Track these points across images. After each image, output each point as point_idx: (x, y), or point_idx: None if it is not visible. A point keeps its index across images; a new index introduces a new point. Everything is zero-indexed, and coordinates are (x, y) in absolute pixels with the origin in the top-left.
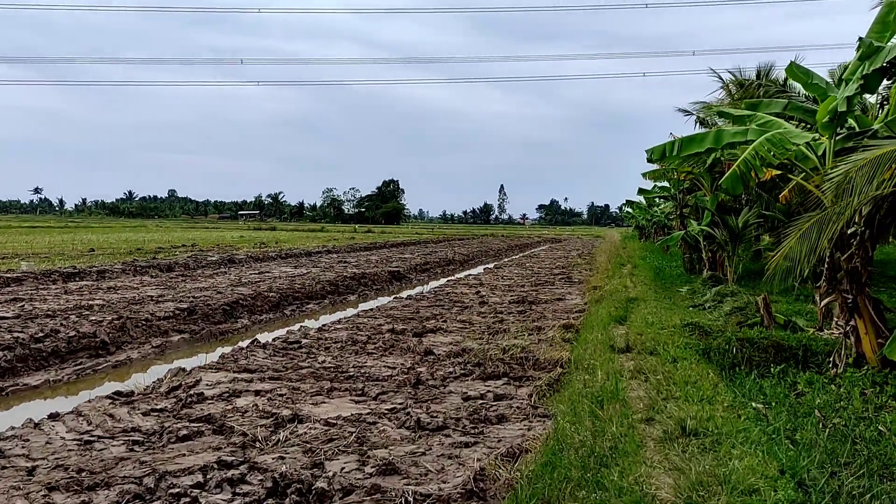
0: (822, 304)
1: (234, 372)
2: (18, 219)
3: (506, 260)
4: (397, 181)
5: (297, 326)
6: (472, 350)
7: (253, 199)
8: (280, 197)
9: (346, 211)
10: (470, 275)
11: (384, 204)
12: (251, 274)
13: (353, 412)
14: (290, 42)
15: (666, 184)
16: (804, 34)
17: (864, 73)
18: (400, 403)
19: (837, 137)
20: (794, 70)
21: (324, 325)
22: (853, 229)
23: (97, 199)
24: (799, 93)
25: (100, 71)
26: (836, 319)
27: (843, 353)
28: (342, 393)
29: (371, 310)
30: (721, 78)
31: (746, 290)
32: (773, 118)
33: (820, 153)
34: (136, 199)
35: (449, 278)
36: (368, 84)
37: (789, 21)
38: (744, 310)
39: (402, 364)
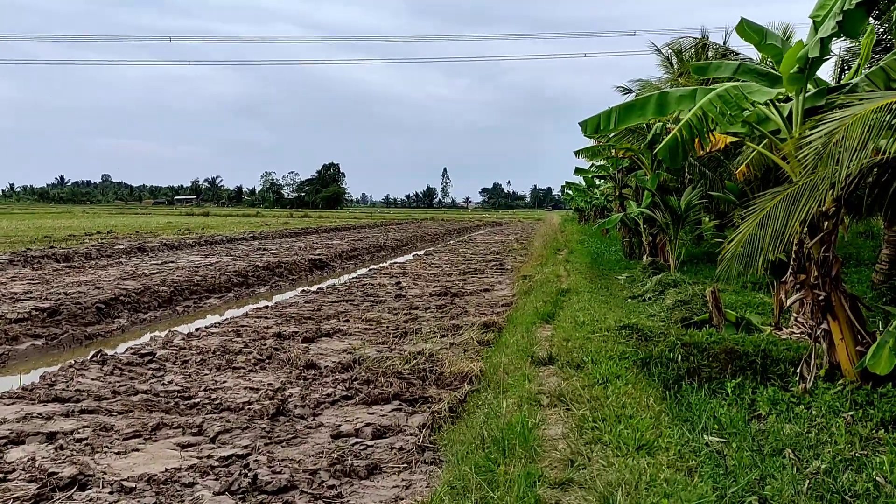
0: (790, 301)
1: (37, 402)
2: None
3: (440, 245)
4: (338, 165)
5: (164, 332)
6: (368, 360)
7: (190, 184)
8: (218, 181)
9: (285, 196)
10: (396, 263)
11: (324, 188)
12: (153, 264)
13: (170, 465)
14: (227, 23)
15: (604, 162)
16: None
17: (843, 8)
18: (245, 447)
19: (808, 94)
20: (746, 28)
21: (195, 330)
22: (825, 208)
23: (27, 184)
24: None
25: (25, 49)
26: (795, 315)
27: (812, 362)
28: (171, 432)
29: (263, 307)
30: (660, 50)
31: (689, 276)
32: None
33: (785, 114)
34: (69, 184)
35: (373, 267)
36: (304, 64)
37: (726, 6)
38: (689, 303)
39: (270, 384)
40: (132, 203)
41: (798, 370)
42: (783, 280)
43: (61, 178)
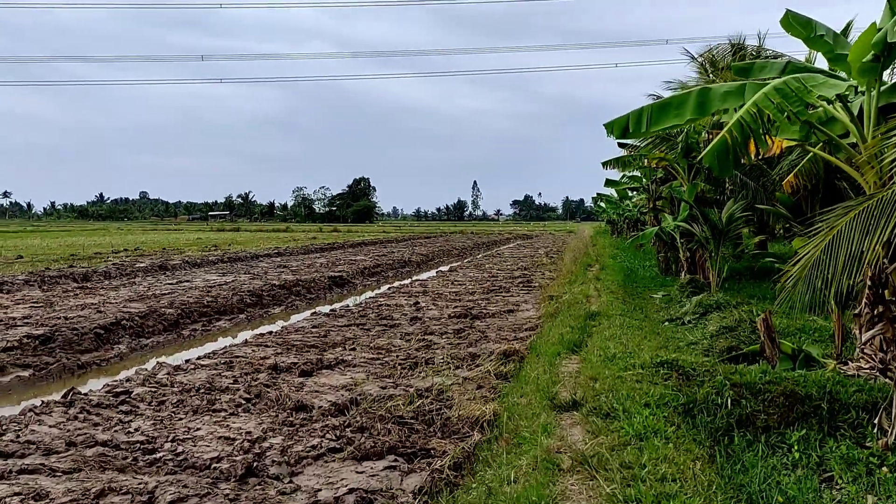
0: (865, 337)
1: None
2: None
3: (467, 260)
4: (368, 179)
5: (151, 363)
6: (369, 399)
7: (224, 200)
8: (250, 197)
9: (317, 210)
10: (418, 280)
11: (355, 202)
12: (167, 284)
13: None
14: (262, 42)
15: (637, 173)
16: (770, 23)
17: None
18: None
19: (883, 88)
20: (792, 21)
21: (184, 362)
22: None
23: (68, 202)
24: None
25: (66, 70)
26: (862, 346)
27: (893, 411)
28: (117, 500)
29: (266, 334)
30: (693, 56)
31: (732, 296)
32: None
33: (855, 112)
34: (108, 201)
35: (394, 284)
36: (335, 80)
37: (761, 12)
38: (735, 330)
39: (249, 432)
40: (168, 219)
41: (875, 420)
42: (857, 313)
43: (101, 195)
